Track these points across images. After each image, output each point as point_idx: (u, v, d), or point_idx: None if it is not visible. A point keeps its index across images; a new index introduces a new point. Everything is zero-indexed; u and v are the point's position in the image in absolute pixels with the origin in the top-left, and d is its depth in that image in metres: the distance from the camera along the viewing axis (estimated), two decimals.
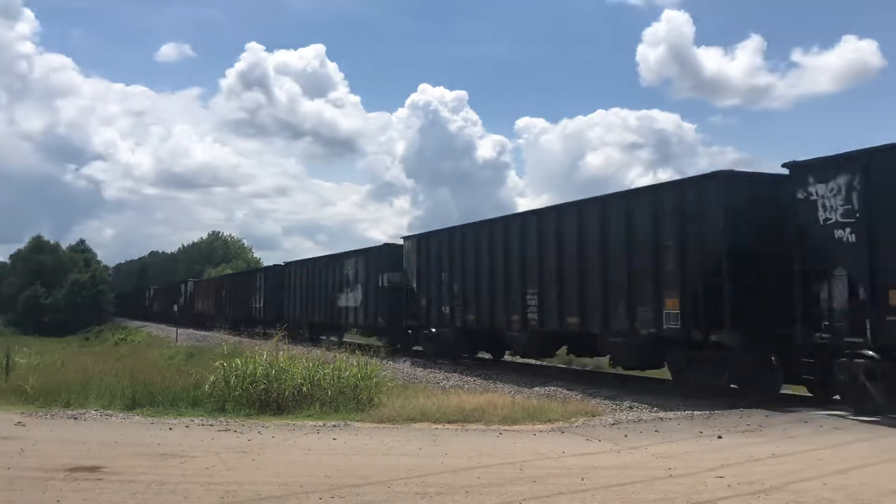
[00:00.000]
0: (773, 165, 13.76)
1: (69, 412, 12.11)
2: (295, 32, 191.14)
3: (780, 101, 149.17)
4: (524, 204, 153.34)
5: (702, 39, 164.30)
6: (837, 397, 11.85)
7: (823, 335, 11.42)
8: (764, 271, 12.56)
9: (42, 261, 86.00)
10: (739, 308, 12.51)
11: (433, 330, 22.80)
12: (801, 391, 13.57)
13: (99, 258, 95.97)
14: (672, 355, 14.25)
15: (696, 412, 12.08)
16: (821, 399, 12.46)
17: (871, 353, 10.91)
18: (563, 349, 18.97)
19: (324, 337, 31.18)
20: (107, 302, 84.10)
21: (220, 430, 10.23)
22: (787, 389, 13.76)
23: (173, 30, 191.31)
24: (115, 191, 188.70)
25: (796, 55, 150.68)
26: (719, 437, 9.52)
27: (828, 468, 7.51)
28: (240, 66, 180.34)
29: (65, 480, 7.01)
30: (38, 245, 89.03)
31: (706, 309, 12.94)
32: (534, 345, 18.60)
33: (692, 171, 14.33)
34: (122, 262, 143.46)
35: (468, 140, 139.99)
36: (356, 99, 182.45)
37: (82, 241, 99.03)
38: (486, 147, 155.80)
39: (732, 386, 13.42)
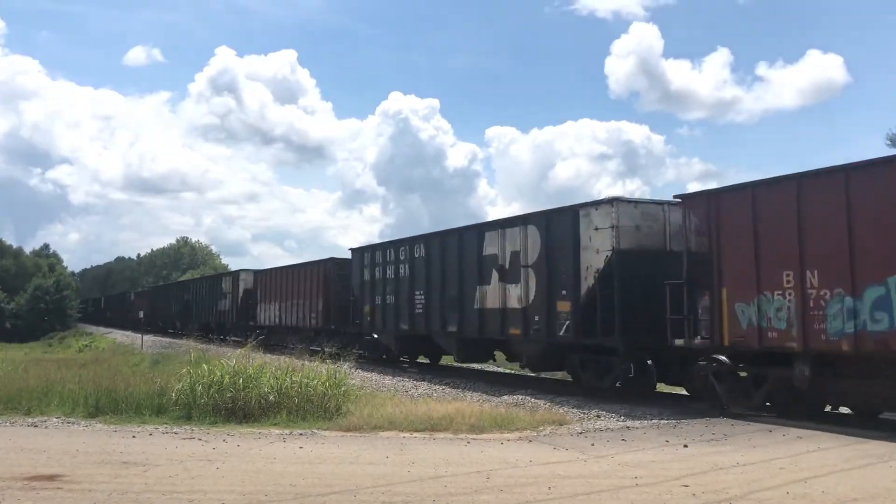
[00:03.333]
0: (739, 177, 14.27)
1: (29, 420, 11.90)
2: (265, 38, 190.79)
3: (746, 115, 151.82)
4: (495, 213, 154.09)
5: (670, 52, 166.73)
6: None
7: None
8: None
9: (4, 265, 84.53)
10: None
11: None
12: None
13: (64, 263, 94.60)
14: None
15: (662, 421, 12.18)
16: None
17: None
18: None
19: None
20: (71, 308, 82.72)
21: (184, 439, 10.10)
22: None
23: (142, 33, 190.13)
24: (82, 195, 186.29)
25: (761, 69, 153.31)
26: (685, 446, 9.59)
27: (790, 477, 7.60)
28: (209, 70, 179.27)
29: (23, 490, 6.87)
30: None
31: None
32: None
33: (660, 182, 15.04)
34: (88, 267, 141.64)
35: (439, 148, 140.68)
36: (327, 105, 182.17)
37: (47, 246, 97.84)
38: (457, 155, 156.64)
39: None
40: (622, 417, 12.99)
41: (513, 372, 22.99)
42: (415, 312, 21.55)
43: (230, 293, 40.48)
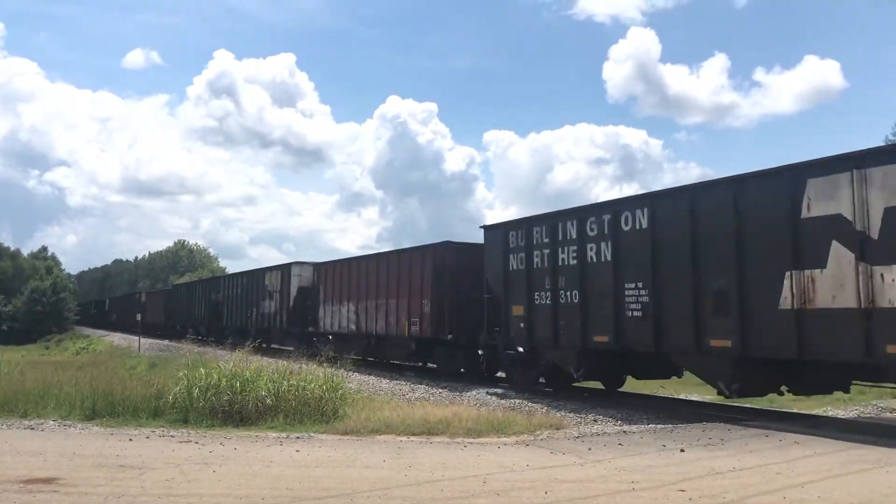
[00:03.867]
0: None
1: (26, 422, 11.88)
2: (264, 41, 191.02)
3: (744, 120, 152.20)
4: (492, 216, 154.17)
5: (667, 57, 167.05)
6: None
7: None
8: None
9: (2, 267, 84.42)
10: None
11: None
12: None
13: (61, 266, 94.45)
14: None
15: (659, 426, 12.19)
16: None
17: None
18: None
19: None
20: (68, 310, 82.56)
21: (181, 442, 10.09)
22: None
23: (140, 36, 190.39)
24: (79, 198, 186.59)
25: (759, 74, 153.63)
26: (682, 451, 9.59)
27: (787, 482, 7.61)
28: (207, 73, 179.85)
29: (19, 493, 6.86)
30: None
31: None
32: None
33: (657, 187, 14.89)
34: (86, 269, 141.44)
35: (437, 152, 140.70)
36: (326, 109, 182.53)
37: (44, 249, 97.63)
38: (455, 159, 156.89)
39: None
40: (619, 422, 13.00)
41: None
42: (626, 316, 14.64)
43: (277, 292, 33.51)
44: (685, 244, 13.53)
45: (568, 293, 16.20)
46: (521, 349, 18.05)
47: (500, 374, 20.65)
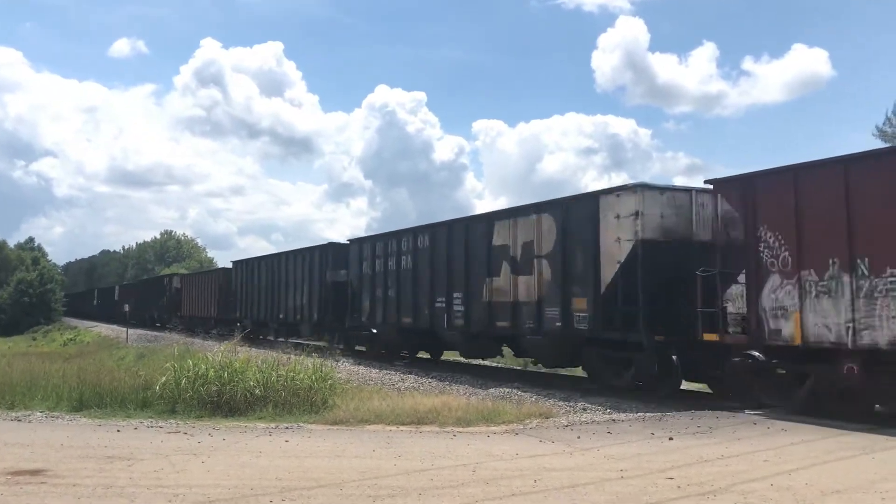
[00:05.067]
0: (724, 172, 14.07)
1: (13, 414, 11.82)
2: (251, 30, 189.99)
3: (732, 109, 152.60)
4: (482, 206, 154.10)
5: (656, 46, 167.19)
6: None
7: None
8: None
9: None
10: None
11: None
12: None
13: (48, 257, 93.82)
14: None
15: (647, 414, 12.24)
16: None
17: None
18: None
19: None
20: (55, 301, 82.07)
21: (169, 433, 10.06)
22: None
23: (126, 25, 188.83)
24: (66, 188, 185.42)
25: (747, 63, 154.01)
26: (670, 439, 9.64)
27: (774, 469, 7.65)
28: (194, 62, 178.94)
29: (6, 485, 6.82)
30: None
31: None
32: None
33: (646, 176, 15.06)
34: (73, 260, 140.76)
35: (426, 141, 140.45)
36: (314, 98, 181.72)
37: (31, 239, 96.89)
38: (444, 149, 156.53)
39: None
40: (608, 410, 13.04)
41: (499, 365, 23.03)
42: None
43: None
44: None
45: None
46: (373, 329, 24.05)
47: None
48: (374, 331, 24.10)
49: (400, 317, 22.11)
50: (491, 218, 18.44)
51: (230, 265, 40.74)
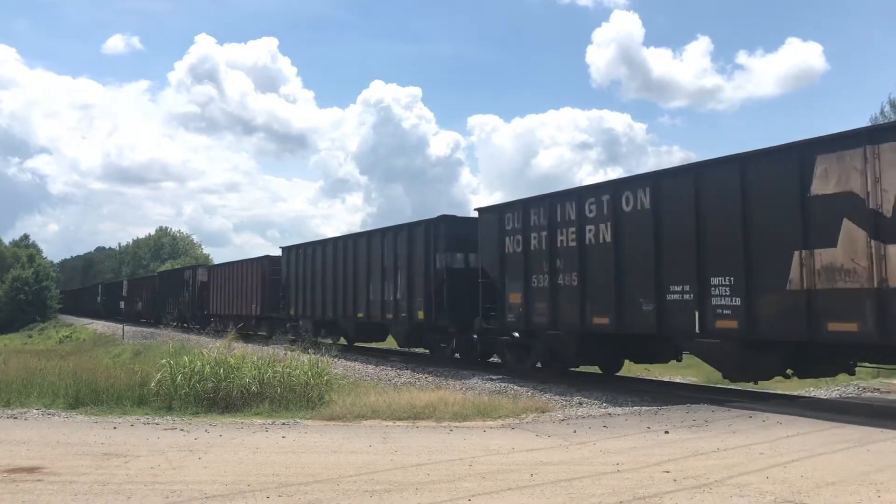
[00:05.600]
0: None
1: (9, 411, 11.79)
2: (245, 26, 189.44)
3: (727, 104, 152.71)
4: (477, 201, 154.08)
5: (650, 40, 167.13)
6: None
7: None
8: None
9: None
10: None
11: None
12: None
13: (44, 254, 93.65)
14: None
15: (643, 408, 12.27)
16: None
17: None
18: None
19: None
20: (51, 298, 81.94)
21: (166, 429, 10.06)
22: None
23: (120, 22, 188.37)
24: (61, 185, 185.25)
25: (742, 57, 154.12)
26: (666, 433, 9.66)
27: (770, 461, 7.68)
28: (189, 59, 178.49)
29: (2, 482, 6.81)
30: None
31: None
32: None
33: (642, 171, 14.71)
34: (68, 257, 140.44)
35: (421, 137, 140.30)
36: (309, 94, 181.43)
37: (26, 237, 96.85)
38: (440, 144, 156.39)
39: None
40: (604, 404, 13.08)
41: (495, 360, 23.03)
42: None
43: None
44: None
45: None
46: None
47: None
48: (517, 335, 18.35)
49: (587, 315, 15.65)
50: (806, 150, 11.80)
51: (273, 252, 35.31)
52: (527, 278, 17.15)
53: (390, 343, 26.53)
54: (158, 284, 53.09)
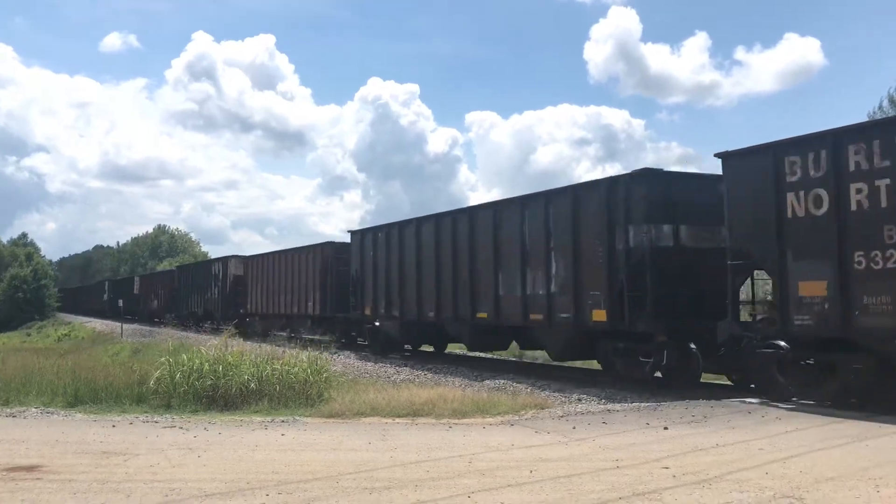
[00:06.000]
0: (717, 161, 13.50)
1: (7, 410, 11.78)
2: (243, 23, 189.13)
3: (725, 100, 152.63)
4: (476, 198, 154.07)
5: (648, 36, 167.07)
6: None
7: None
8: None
9: None
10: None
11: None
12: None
13: (42, 252, 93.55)
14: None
15: (643, 404, 12.28)
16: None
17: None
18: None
19: None
20: (49, 297, 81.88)
21: (165, 427, 10.06)
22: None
23: (117, 19, 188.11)
24: (59, 184, 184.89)
25: (740, 53, 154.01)
26: (665, 429, 9.67)
27: (769, 457, 7.69)
28: (186, 56, 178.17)
29: (2, 481, 6.81)
30: None
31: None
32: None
33: (640, 167, 14.62)
34: (66, 256, 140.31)
35: (419, 134, 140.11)
36: (306, 91, 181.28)
37: (24, 235, 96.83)
38: (438, 141, 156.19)
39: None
40: (603, 401, 13.09)
41: (494, 357, 23.04)
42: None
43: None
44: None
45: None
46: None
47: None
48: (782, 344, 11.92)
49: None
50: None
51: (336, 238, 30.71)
52: (842, 255, 10.97)
53: (511, 351, 22.58)
54: (178, 280, 47.48)
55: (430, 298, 20.69)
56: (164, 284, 50.98)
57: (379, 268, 23.60)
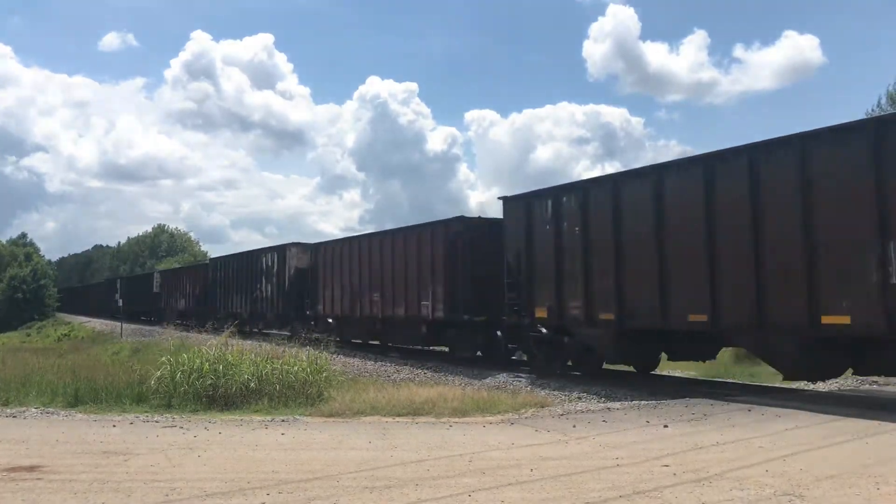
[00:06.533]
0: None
1: (8, 410, 11.77)
2: (241, 22, 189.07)
3: (724, 97, 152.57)
4: (475, 197, 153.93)
5: (647, 34, 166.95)
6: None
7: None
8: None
9: None
10: None
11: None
12: None
13: (41, 252, 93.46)
14: None
15: (643, 402, 12.28)
16: None
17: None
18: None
19: None
20: (49, 297, 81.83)
21: (165, 427, 10.05)
22: None
23: (116, 18, 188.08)
24: (58, 183, 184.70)
25: (738, 51, 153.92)
26: (665, 427, 9.67)
27: (769, 455, 7.68)
28: (185, 55, 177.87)
29: (2, 481, 6.80)
30: None
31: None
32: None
33: (639, 165, 14.16)
34: (66, 255, 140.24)
35: (418, 132, 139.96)
36: (305, 90, 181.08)
37: (24, 235, 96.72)
38: (437, 139, 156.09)
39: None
40: (603, 399, 13.09)
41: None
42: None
43: None
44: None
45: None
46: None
47: None
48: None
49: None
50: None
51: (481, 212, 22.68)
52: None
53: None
54: (213, 275, 39.88)
55: (692, 290, 13.53)
56: (193, 281, 43.91)
57: (566, 248, 16.27)
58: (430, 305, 20.78)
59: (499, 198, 18.36)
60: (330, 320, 27.15)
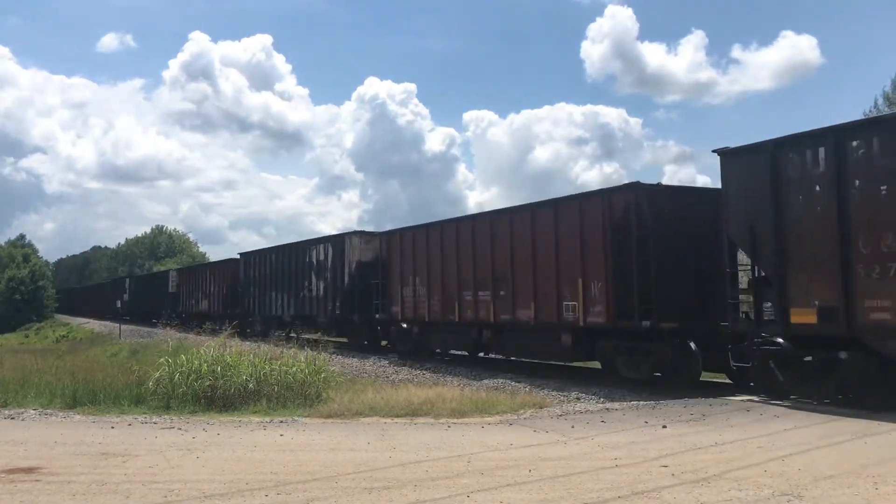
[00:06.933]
0: (715, 158, 13.42)
1: (6, 412, 11.76)
2: (239, 23, 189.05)
3: (722, 98, 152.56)
4: (473, 197, 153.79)
5: (645, 35, 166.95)
6: None
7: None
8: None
9: None
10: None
11: None
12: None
13: (39, 253, 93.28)
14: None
15: (641, 402, 12.29)
16: None
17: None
18: None
19: None
20: (47, 298, 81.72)
21: (163, 428, 10.05)
22: None
23: (114, 19, 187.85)
24: (56, 184, 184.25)
25: (736, 51, 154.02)
26: (664, 427, 9.67)
27: (768, 455, 7.69)
28: (183, 56, 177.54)
29: (0, 482, 6.80)
30: None
31: None
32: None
33: (637, 166, 14.14)
34: (64, 256, 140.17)
35: (417, 133, 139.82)
36: (304, 91, 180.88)
37: (22, 236, 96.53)
38: (435, 140, 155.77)
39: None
40: (602, 399, 13.09)
41: (493, 357, 22.98)
42: None
43: None
44: None
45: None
46: None
47: None
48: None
49: None
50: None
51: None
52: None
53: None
54: (245, 272, 34.74)
55: None
56: (219, 279, 38.47)
57: (860, 216, 11.00)
58: (580, 306, 15.47)
59: (714, 150, 13.20)
60: (405, 325, 22.38)
